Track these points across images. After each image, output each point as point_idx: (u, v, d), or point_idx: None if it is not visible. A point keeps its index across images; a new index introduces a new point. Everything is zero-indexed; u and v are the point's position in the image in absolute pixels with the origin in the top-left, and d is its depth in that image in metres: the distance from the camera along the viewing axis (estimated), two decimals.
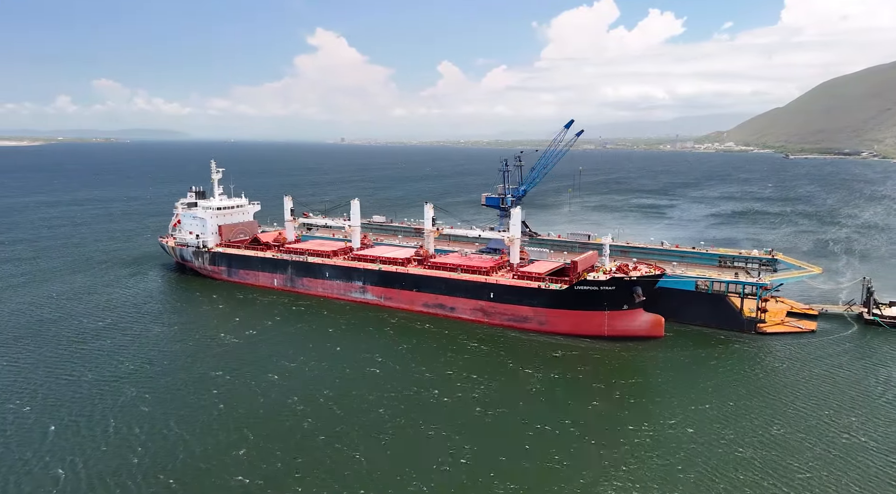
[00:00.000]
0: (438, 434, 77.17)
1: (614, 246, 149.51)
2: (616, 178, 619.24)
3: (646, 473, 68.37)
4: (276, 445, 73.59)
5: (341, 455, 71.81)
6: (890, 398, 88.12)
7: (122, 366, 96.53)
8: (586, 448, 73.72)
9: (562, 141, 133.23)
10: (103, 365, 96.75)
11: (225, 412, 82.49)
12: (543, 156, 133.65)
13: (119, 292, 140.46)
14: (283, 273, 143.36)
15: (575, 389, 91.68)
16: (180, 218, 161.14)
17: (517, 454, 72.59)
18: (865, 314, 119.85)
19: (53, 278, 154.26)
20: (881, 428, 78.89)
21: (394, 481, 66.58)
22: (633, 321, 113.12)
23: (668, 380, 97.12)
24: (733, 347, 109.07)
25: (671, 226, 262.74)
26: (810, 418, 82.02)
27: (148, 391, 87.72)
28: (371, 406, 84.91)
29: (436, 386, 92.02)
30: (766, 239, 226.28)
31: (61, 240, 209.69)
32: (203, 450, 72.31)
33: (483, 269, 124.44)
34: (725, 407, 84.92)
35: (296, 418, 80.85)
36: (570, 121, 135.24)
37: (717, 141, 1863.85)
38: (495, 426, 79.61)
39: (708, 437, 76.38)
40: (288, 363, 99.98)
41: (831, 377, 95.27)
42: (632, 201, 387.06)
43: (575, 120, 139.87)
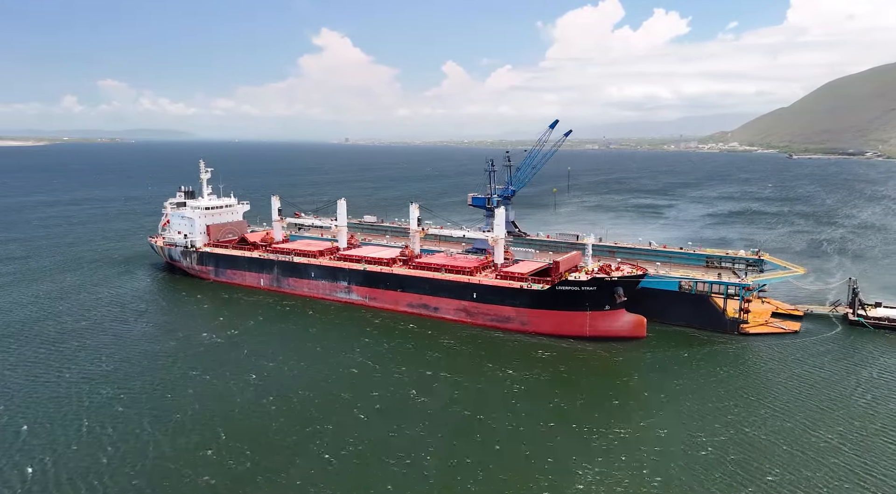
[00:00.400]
0: (410, 433, 77.16)
1: (602, 246, 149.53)
2: (617, 178, 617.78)
3: (613, 473, 68.16)
4: (247, 445, 73.63)
5: (310, 455, 71.84)
6: (867, 399, 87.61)
7: (101, 366, 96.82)
8: (557, 449, 73.50)
9: (547, 141, 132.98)
10: (81, 365, 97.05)
11: (199, 411, 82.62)
12: (528, 156, 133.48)
13: (105, 292, 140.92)
14: (270, 273, 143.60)
15: (552, 389, 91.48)
16: (169, 218, 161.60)
17: (487, 453, 72.47)
18: (850, 315, 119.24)
19: (42, 277, 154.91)
20: (855, 429, 78.45)
21: (359, 480, 66.59)
22: (614, 321, 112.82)
23: (647, 381, 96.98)
24: (715, 348, 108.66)
25: (666, 226, 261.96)
26: (785, 419, 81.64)
27: (124, 391, 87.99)
28: (345, 406, 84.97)
29: (413, 386, 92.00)
30: (761, 239, 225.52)
31: (55, 239, 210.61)
32: (173, 450, 72.44)
33: (467, 269, 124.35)
34: (701, 408, 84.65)
35: (269, 418, 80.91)
36: (554, 121, 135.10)
37: (722, 141, 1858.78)
38: (468, 425, 79.54)
39: (680, 438, 76.10)
40: (267, 363, 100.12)
41: (810, 378, 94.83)
42: (630, 201, 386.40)
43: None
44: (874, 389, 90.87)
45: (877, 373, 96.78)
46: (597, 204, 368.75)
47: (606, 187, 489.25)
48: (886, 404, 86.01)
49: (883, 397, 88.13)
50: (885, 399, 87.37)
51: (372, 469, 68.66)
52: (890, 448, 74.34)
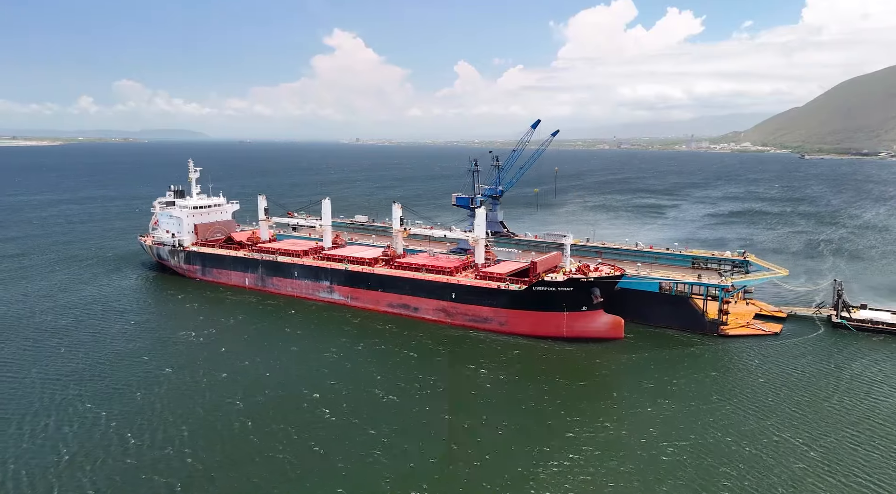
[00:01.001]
0: (373, 433, 76.88)
1: (589, 247, 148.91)
2: (623, 178, 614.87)
3: (567, 475, 67.60)
4: (207, 444, 73.84)
5: (268, 454, 71.80)
6: (839, 402, 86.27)
7: (73, 363, 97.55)
8: (516, 449, 73.04)
9: (529, 141, 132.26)
10: (55, 363, 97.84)
11: (164, 409, 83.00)
12: (511, 156, 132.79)
13: (92, 290, 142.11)
14: (254, 272, 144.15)
15: (523, 390, 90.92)
16: (158, 217, 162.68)
17: (446, 453, 72.19)
18: (834, 317, 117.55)
19: (33, 275, 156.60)
20: (822, 433, 77.29)
21: (313, 480, 66.45)
22: (592, 322, 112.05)
23: (619, 383, 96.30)
24: (692, 349, 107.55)
25: (665, 227, 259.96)
26: (754, 421, 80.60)
27: (93, 389, 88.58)
28: (312, 406, 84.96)
29: (383, 386, 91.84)
30: (759, 240, 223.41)
31: (52, 238, 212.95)
32: (133, 448, 72.63)
33: (447, 269, 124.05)
34: (671, 410, 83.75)
35: (233, 417, 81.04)
36: (536, 121, 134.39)
37: (734, 141, 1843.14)
38: (431, 426, 79.21)
39: (644, 440, 75.29)
40: (240, 362, 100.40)
41: (785, 381, 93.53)
42: (633, 201, 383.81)
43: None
44: (847, 392, 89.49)
45: (852, 376, 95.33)
46: (599, 204, 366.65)
47: (611, 187, 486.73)
48: (857, 407, 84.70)
49: (855, 400, 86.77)
50: (856, 403, 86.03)
51: (327, 470, 68.50)
52: (854, 450, 73.26)
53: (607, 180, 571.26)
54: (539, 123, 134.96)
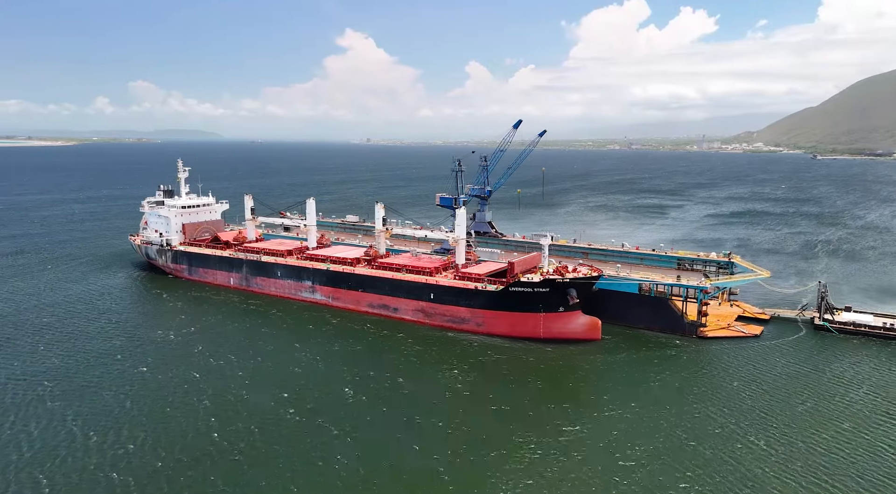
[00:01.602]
0: (334, 434, 76.84)
1: (575, 248, 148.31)
2: (630, 178, 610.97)
3: (519, 478, 67.10)
4: (166, 443, 74.06)
5: (225, 454, 71.88)
6: (808, 404, 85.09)
7: (47, 362, 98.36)
8: (473, 451, 72.59)
9: (511, 141, 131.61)
10: (29, 361, 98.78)
11: (130, 408, 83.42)
12: (493, 156, 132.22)
13: (78, 289, 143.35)
14: (239, 272, 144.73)
15: (492, 391, 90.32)
16: (147, 217, 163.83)
17: (404, 454, 72.00)
18: (816, 320, 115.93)
19: (24, 273, 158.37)
20: (787, 436, 76.28)
21: (264, 481, 66.41)
22: (568, 323, 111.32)
23: (590, 384, 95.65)
24: (669, 351, 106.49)
25: (663, 227, 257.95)
26: (718, 424, 79.71)
27: (62, 387, 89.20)
28: (278, 406, 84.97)
29: (352, 386, 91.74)
30: (755, 241, 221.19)
31: (49, 237, 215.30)
32: (94, 446, 72.89)
33: (426, 270, 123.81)
34: (639, 412, 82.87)
35: (198, 416, 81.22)
36: (518, 121, 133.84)
37: (747, 141, 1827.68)
38: (394, 425, 79.01)
39: (607, 443, 74.57)
40: (214, 361, 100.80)
41: (759, 383, 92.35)
42: (637, 201, 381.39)
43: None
44: (820, 394, 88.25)
45: (827, 378, 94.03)
46: (602, 204, 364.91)
47: (617, 188, 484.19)
48: (828, 409, 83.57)
49: (827, 402, 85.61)
50: (827, 405, 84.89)
51: (280, 470, 68.44)
52: (817, 452, 72.37)
53: (613, 181, 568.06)
54: (521, 123, 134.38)
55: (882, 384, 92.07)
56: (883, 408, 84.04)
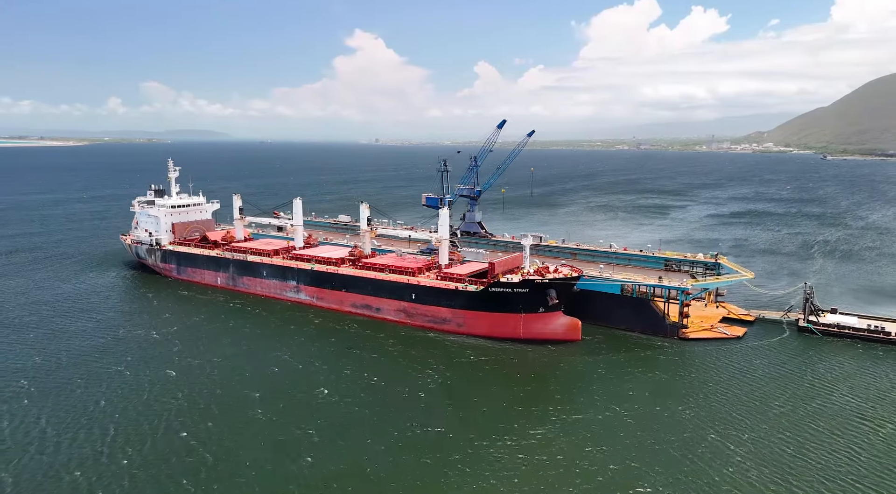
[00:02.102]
0: (296, 433, 76.77)
1: (564, 248, 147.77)
2: (635, 178, 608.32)
3: (477, 479, 66.74)
4: (134, 441, 74.07)
5: (191, 452, 71.89)
6: (783, 405, 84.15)
7: (28, 360, 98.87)
8: (436, 451, 72.34)
9: (494, 141, 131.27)
10: (9, 359, 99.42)
11: (103, 407, 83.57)
12: (478, 156, 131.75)
13: (66, 288, 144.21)
14: (226, 272, 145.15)
15: (466, 392, 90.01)
16: (137, 216, 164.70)
17: (367, 454, 71.71)
18: (801, 322, 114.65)
19: (16, 272, 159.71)
20: (757, 438, 75.48)
21: (229, 480, 66.29)
22: (548, 323, 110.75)
23: (565, 385, 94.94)
24: (648, 352, 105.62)
25: (661, 228, 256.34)
26: (690, 425, 79.07)
27: (36, 386, 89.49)
28: (249, 405, 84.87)
29: (325, 386, 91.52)
30: (752, 241, 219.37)
31: (45, 236, 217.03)
32: (62, 445, 72.98)
33: (409, 270, 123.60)
34: (610, 415, 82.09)
35: (166, 415, 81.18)
36: (501, 121, 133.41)
37: (757, 141, 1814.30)
38: (362, 426, 78.72)
39: (571, 446, 73.85)
40: (192, 360, 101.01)
41: (735, 385, 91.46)
42: (638, 201, 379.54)
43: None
44: (796, 397, 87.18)
45: (804, 380, 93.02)
46: (603, 204, 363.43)
47: (619, 188, 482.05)
48: (802, 410, 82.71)
49: (801, 405, 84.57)
50: (802, 406, 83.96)
51: (239, 471, 68.27)
52: (786, 453, 71.77)
53: (617, 181, 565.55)
54: (504, 123, 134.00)
55: (860, 385, 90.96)
56: (858, 410, 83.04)
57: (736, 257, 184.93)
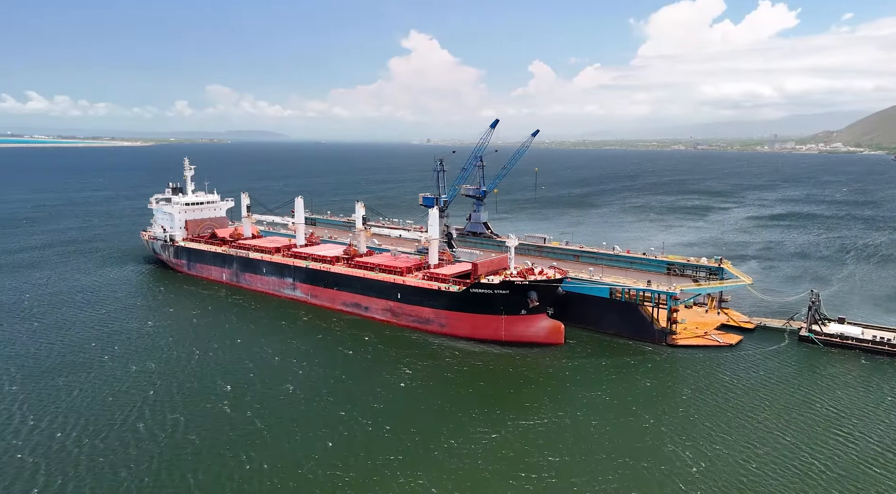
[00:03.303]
0: (253, 427, 77.78)
1: (568, 250, 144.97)
2: (682, 179, 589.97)
3: (409, 482, 65.98)
4: (94, 431, 76.33)
5: (143, 443, 73.52)
6: (758, 419, 79.74)
7: (24, 349, 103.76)
8: (382, 452, 71.86)
9: (487, 141, 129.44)
10: (7, 347, 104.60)
11: (76, 396, 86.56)
12: (472, 156, 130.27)
13: (85, 280, 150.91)
14: (230, 268, 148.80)
15: (433, 394, 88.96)
16: (154, 213, 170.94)
17: (313, 452, 71.84)
18: (803, 331, 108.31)
19: (44, 264, 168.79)
20: (719, 450, 72.08)
21: (168, 473, 67.64)
22: (530, 326, 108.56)
23: (536, 390, 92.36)
24: (632, 359, 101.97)
25: (691, 230, 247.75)
26: (651, 435, 76.20)
27: (25, 373, 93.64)
28: (219, 398, 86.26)
29: (297, 381, 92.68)
30: (786, 245, 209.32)
31: (84, 231, 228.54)
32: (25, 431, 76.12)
33: (398, 269, 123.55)
34: (573, 424, 79.53)
35: (133, 406, 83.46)
36: (494, 120, 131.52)
37: (824, 141, 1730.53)
38: (319, 423, 79.02)
39: (519, 450, 72.27)
40: (175, 353, 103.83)
41: (713, 395, 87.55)
42: (678, 202, 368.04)
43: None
44: (772, 409, 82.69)
45: (786, 393, 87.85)
46: (639, 205, 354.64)
47: (663, 188, 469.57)
48: (774, 424, 78.31)
49: (775, 418, 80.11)
50: (775, 420, 79.47)
51: (190, 463, 69.20)
52: (747, 468, 68.25)
53: (663, 182, 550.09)
54: (497, 123, 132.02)
55: (845, 399, 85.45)
56: (836, 425, 78.12)
57: (760, 262, 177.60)
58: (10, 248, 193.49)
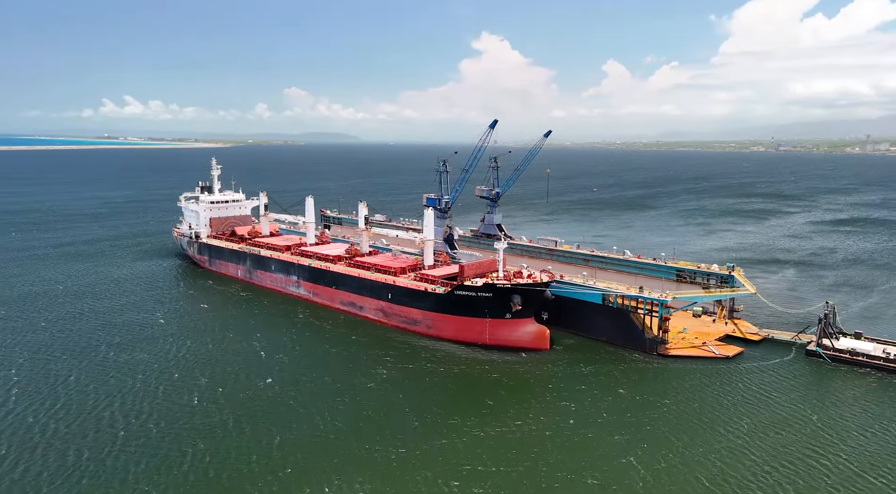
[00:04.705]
0: (215, 420, 79.37)
1: (577, 254, 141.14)
2: (751, 181, 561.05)
3: (346, 489, 65.40)
4: (64, 417, 79.72)
5: (101, 433, 76.01)
6: (728, 437, 74.26)
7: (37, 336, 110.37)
8: (329, 453, 71.76)
9: (487, 141, 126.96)
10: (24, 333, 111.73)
11: (63, 383, 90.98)
12: (471, 157, 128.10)
13: (116, 273, 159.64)
14: (244, 265, 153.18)
15: (402, 397, 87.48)
16: (183, 211, 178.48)
17: (261, 450, 72.34)
18: (811, 345, 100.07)
19: (86, 257, 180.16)
20: (672, 466, 67.92)
21: (112, 462, 69.63)
22: (514, 330, 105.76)
23: (505, 397, 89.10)
24: (618, 368, 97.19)
25: (739, 234, 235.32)
26: (606, 447, 72.75)
27: (29, 359, 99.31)
28: (195, 390, 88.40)
29: (275, 376, 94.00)
30: (836, 251, 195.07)
31: (133, 227, 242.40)
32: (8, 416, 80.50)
33: (392, 270, 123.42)
34: (532, 430, 76.96)
35: (116, 395, 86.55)
36: (493, 121, 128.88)
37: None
38: (282, 421, 79.53)
39: (458, 463, 70.02)
40: (169, 345, 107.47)
41: (688, 409, 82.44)
42: (735, 206, 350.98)
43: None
44: (747, 428, 76.63)
45: (769, 411, 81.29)
46: (693, 208, 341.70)
47: (726, 191, 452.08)
48: (745, 444, 72.75)
49: (746, 438, 74.22)
50: (748, 440, 73.70)
51: (137, 455, 70.92)
52: (692, 486, 63.38)
53: (729, 184, 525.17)
54: (496, 123, 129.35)
55: (832, 420, 78.41)
56: (811, 446, 71.60)
57: (799, 270, 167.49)
58: (63, 241, 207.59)
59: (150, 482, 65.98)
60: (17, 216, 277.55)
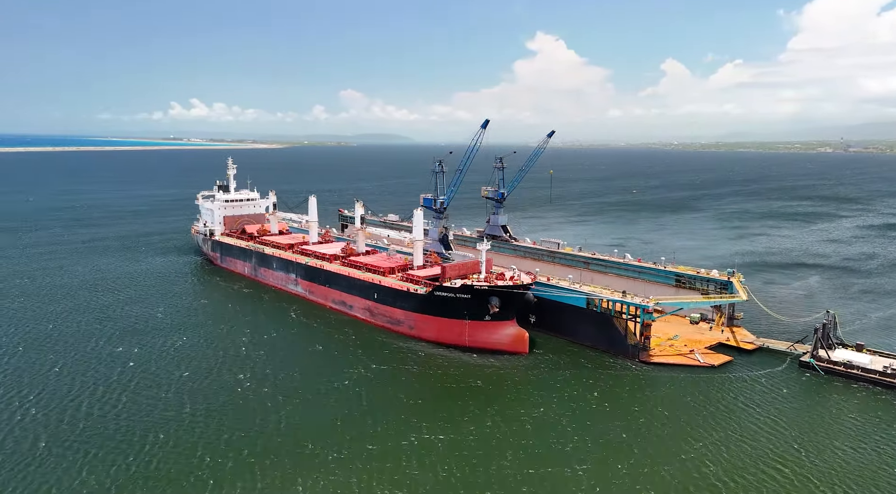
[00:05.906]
0: (185, 412, 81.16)
1: (579, 257, 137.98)
2: (808, 184, 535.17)
3: (276, 482, 65.49)
4: (37, 405, 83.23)
5: (71, 422, 78.50)
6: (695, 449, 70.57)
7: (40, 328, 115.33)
8: (286, 451, 72.10)
9: (480, 141, 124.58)
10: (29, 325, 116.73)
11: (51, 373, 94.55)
12: (464, 158, 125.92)
13: (132, 268, 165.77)
14: (250, 262, 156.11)
15: (372, 398, 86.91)
16: (200, 209, 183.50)
17: (221, 442, 73.48)
18: (806, 356, 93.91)
19: (112, 252, 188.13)
20: (622, 474, 64.95)
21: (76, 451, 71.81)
22: (493, 333, 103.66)
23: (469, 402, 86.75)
24: (596, 375, 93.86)
25: (774, 239, 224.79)
26: (560, 455, 70.56)
27: (25, 349, 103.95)
28: (171, 383, 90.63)
29: (248, 372, 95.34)
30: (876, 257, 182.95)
31: (165, 225, 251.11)
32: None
33: (380, 269, 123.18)
34: (490, 437, 75.17)
35: (95, 386, 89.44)
36: (485, 121, 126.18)
37: None
38: (244, 418, 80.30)
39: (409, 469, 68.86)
40: (160, 340, 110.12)
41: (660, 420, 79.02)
42: (783, 208, 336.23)
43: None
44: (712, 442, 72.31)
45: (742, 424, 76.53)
46: (738, 210, 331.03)
47: (780, 193, 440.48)
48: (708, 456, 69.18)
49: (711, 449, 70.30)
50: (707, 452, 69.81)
51: (84, 446, 72.74)
52: None
53: (783, 187, 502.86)
54: (488, 123, 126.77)
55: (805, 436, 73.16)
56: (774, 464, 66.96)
57: (824, 277, 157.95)
58: (97, 237, 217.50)
59: (93, 470, 67.64)
60: (65, 213, 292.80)
